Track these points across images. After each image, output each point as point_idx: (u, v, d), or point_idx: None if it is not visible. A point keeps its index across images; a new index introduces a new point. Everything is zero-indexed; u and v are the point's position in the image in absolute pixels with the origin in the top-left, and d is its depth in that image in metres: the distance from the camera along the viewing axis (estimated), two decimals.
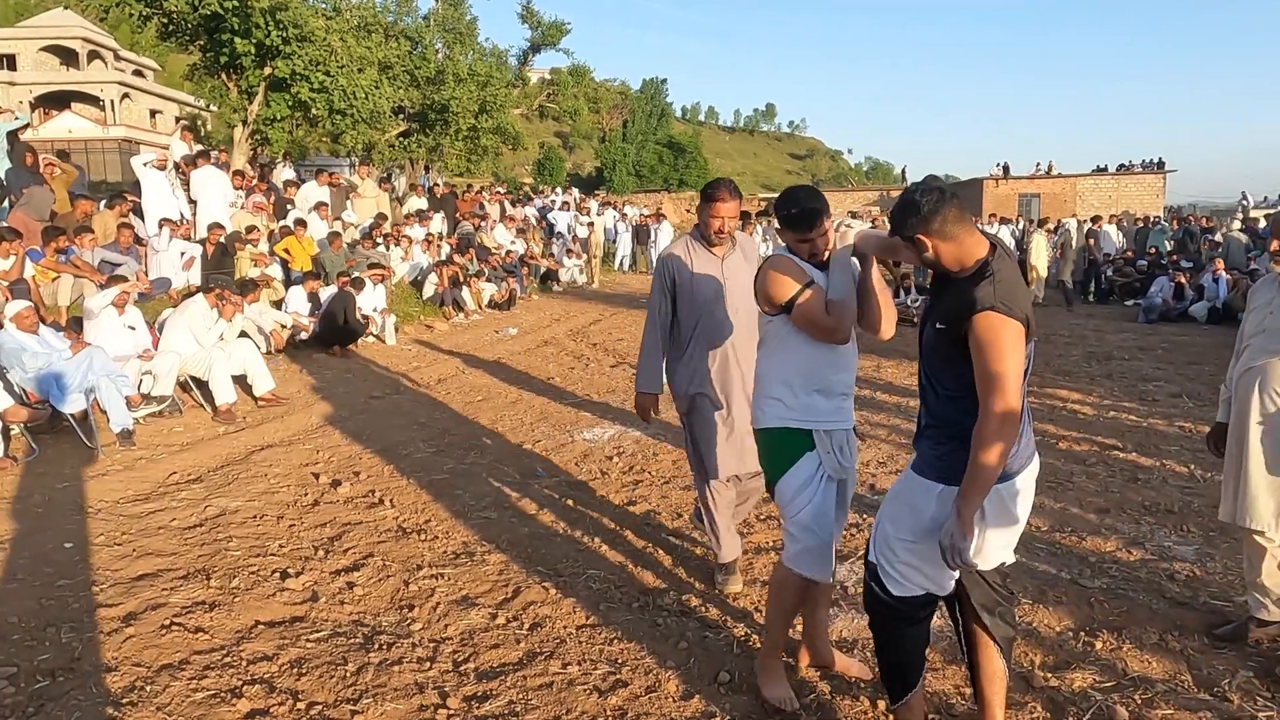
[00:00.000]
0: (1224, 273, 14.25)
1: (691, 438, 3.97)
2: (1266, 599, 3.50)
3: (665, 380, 4.02)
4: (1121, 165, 40.25)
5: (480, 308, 14.31)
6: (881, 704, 2.98)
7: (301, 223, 12.42)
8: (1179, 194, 47.20)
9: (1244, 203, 26.32)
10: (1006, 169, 40.62)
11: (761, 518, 4.86)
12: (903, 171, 57.97)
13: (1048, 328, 12.87)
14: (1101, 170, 39.98)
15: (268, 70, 13.54)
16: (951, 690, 3.13)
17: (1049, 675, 3.24)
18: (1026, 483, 2.49)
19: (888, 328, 2.96)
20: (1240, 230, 18.20)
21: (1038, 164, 41.40)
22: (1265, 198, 34.74)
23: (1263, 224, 19.30)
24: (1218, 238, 17.80)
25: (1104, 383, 8.94)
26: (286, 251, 11.82)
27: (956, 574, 2.52)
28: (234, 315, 8.01)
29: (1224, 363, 10.07)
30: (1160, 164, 39.07)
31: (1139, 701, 3.04)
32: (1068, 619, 3.70)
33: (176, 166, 11.94)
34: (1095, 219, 20.27)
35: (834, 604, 3.73)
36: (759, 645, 3.47)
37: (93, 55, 46.18)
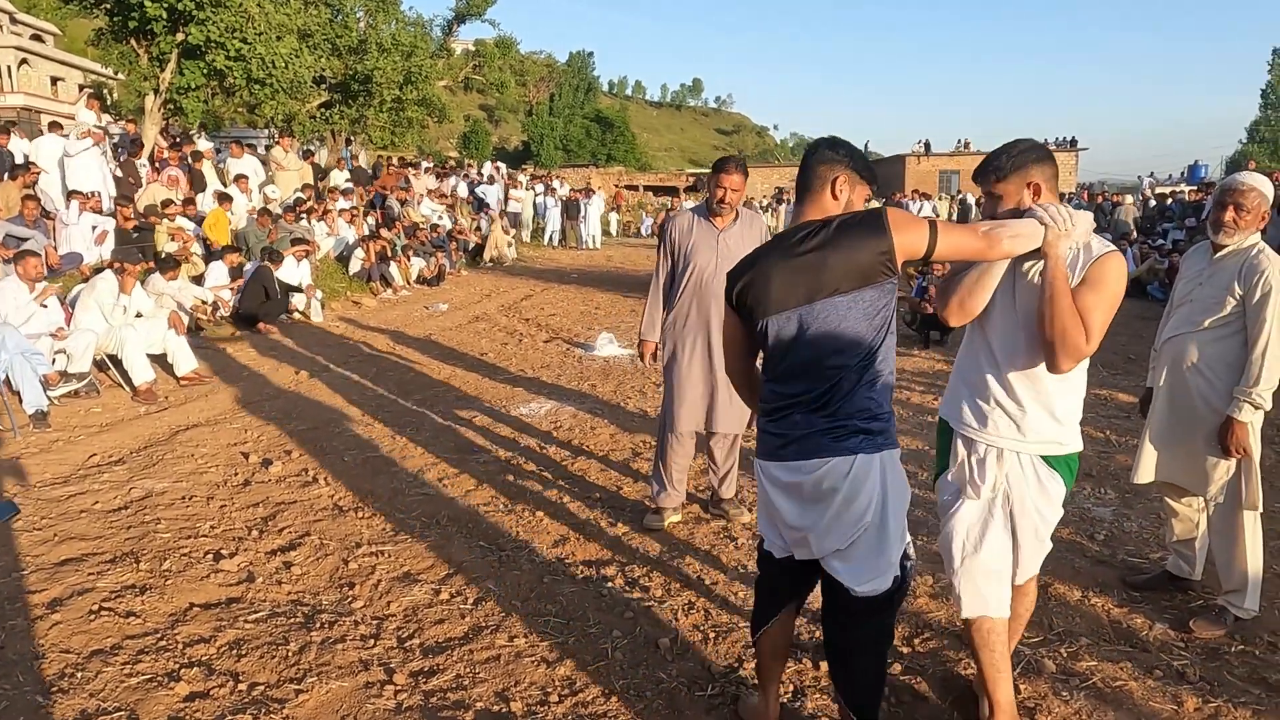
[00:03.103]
0: (1130, 248, 14.94)
1: (667, 385, 4.38)
2: (1180, 558, 3.72)
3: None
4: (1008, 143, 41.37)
5: (409, 283, 14.08)
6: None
7: (227, 197, 12.07)
8: (1090, 171, 48.91)
9: (1141, 184, 27.79)
10: (928, 146, 41.52)
11: (701, 489, 4.93)
12: (864, 146, 58.26)
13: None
14: None
15: (180, 36, 12.97)
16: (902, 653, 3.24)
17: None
18: (782, 476, 2.34)
19: (1051, 354, 2.35)
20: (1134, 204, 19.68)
21: (958, 141, 42.40)
22: (1170, 175, 36.23)
23: (1170, 201, 20.16)
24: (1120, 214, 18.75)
25: None
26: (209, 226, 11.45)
27: (792, 542, 2.42)
28: (133, 288, 7.69)
29: (1134, 333, 10.57)
30: (1073, 142, 40.40)
31: (1065, 654, 3.19)
32: None
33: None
34: None
35: None
36: (703, 610, 3.54)
37: None
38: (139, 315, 7.64)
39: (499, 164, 29.99)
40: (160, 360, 7.64)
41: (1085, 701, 2.89)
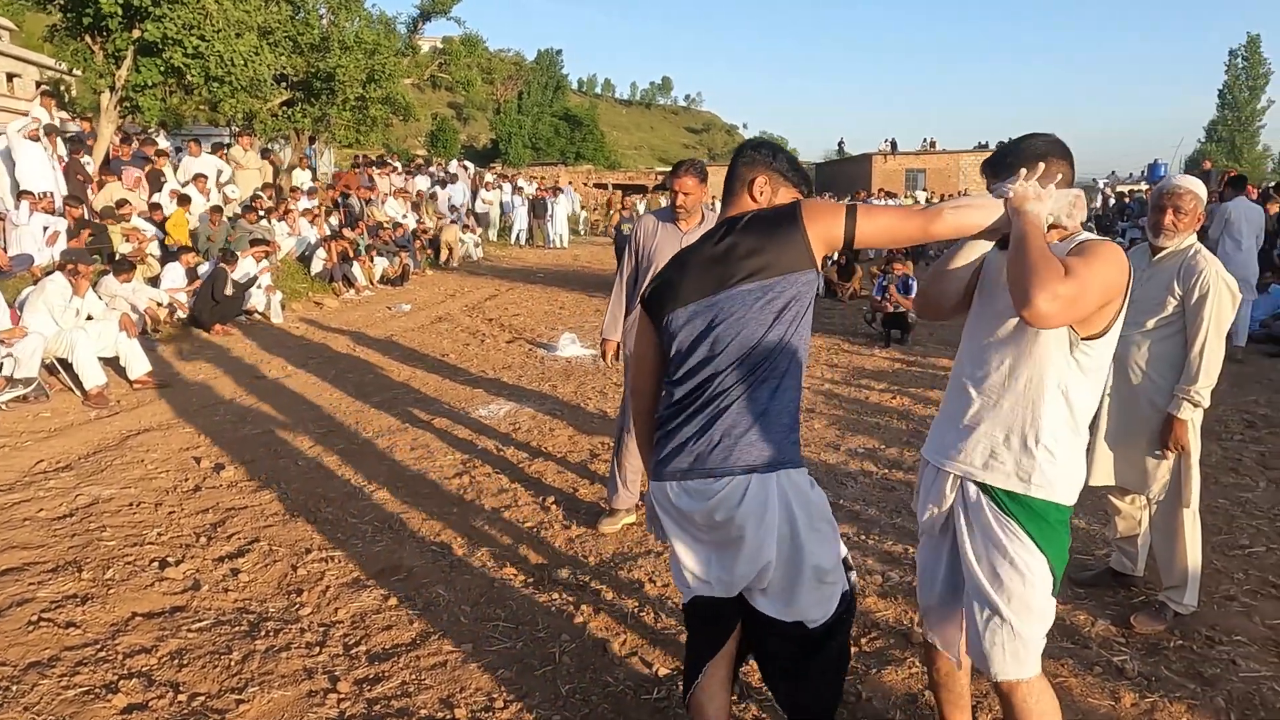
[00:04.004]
0: None
1: (626, 384, 4.36)
2: (1124, 555, 3.78)
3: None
4: (1001, 142, 41.91)
5: (372, 283, 13.96)
6: None
7: (186, 198, 11.90)
8: None
9: (1098, 185, 28.34)
10: (894, 145, 41.83)
11: None
12: (837, 145, 58.12)
13: None
14: (983, 147, 41.59)
15: (136, 33, 12.73)
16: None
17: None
18: (672, 496, 2.14)
19: (1021, 292, 1.88)
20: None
21: (924, 140, 42.82)
22: (1131, 174, 36.83)
23: (1129, 200, 20.50)
24: None
25: None
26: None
27: (696, 581, 2.19)
28: (87, 290, 7.56)
29: None
30: None
31: None
32: None
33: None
34: None
35: None
36: (653, 612, 3.53)
37: None
38: (89, 318, 7.51)
39: (465, 162, 29.81)
40: (113, 364, 7.51)
41: None
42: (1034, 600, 2.11)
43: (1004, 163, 2.15)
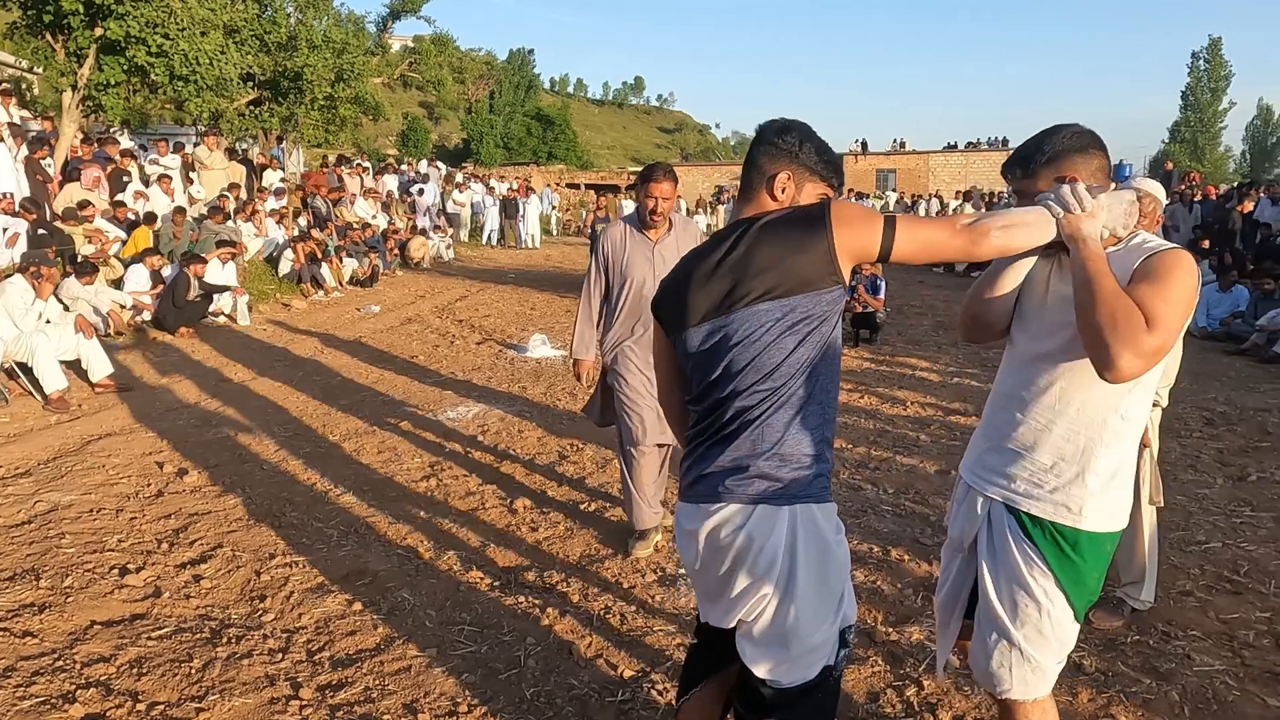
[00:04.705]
0: None
1: (619, 402, 4.13)
2: None
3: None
4: (970, 143, 42.48)
5: (341, 284, 13.84)
6: None
7: (152, 216, 11.69)
8: None
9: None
10: (865, 145, 42.18)
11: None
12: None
13: (901, 299, 13.48)
14: (952, 147, 42.06)
15: (99, 31, 12.56)
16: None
17: (889, 630, 3.44)
18: (682, 520, 2.00)
19: (1102, 350, 1.76)
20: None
21: (894, 140, 43.20)
22: None
23: None
24: None
25: (950, 350, 9.46)
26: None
27: (701, 603, 2.08)
28: (50, 294, 7.44)
29: None
30: (1004, 142, 41.40)
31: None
32: (908, 576, 3.93)
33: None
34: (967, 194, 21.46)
35: None
36: (619, 614, 3.54)
37: None
38: (49, 322, 7.39)
39: (437, 162, 29.64)
40: (74, 367, 7.40)
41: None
42: (1049, 628, 1.99)
43: (1036, 162, 1.95)
